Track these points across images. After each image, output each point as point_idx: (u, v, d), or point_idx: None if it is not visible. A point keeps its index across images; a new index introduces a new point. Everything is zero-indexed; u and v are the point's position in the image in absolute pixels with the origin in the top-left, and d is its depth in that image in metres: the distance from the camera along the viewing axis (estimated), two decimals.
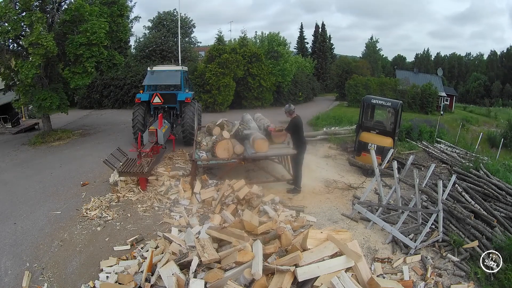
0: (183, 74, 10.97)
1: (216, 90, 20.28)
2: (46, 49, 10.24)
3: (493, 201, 6.51)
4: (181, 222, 5.76)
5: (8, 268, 4.67)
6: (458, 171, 7.99)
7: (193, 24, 31.60)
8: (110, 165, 7.14)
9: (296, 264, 3.59)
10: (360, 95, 24.48)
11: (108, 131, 13.99)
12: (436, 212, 5.19)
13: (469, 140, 14.96)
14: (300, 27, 48.34)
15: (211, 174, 7.70)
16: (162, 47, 25.68)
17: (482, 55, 65.11)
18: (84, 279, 4.40)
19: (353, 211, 6.13)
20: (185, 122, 10.26)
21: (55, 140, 12.20)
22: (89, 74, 11.57)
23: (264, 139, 7.01)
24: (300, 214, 5.90)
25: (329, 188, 7.55)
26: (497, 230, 5.38)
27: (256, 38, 27.63)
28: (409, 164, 6.55)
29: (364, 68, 37.85)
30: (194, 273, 3.71)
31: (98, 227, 5.65)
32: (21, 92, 11.69)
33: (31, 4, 10.73)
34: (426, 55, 64.42)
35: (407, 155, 10.17)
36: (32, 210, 6.34)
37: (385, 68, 57.36)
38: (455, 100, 34.77)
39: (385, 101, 9.16)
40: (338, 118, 15.97)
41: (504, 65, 55.48)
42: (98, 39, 11.02)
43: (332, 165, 9.30)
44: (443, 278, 4.45)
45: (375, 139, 8.48)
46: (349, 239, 4.10)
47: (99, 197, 6.76)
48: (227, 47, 22.22)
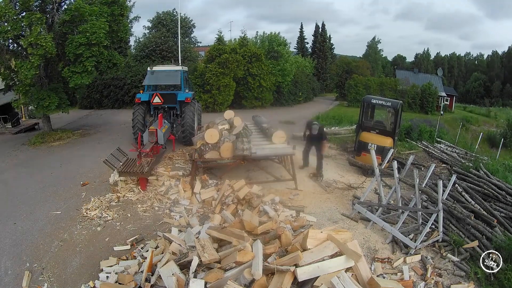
0: (183, 74, 10.97)
1: (216, 90, 20.27)
2: (45, 49, 10.24)
3: (493, 201, 6.52)
4: (181, 222, 5.76)
5: (8, 268, 4.67)
6: (458, 171, 7.99)
7: (193, 24, 31.64)
8: (110, 165, 7.13)
9: (296, 264, 3.58)
10: (360, 95, 24.49)
11: (108, 131, 13.98)
12: (436, 212, 5.19)
13: (469, 140, 14.96)
14: (300, 27, 48.33)
15: (211, 174, 7.70)
16: (162, 47, 25.67)
17: (482, 55, 65.15)
18: (84, 279, 4.40)
19: (353, 211, 6.13)
20: (185, 122, 10.25)
21: (55, 140, 12.19)
22: (89, 74, 11.56)
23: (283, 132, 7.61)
24: (300, 214, 5.90)
25: (329, 188, 7.55)
26: (497, 230, 5.38)
27: (256, 38, 27.64)
28: (409, 164, 6.55)
29: (364, 68, 37.84)
30: (194, 273, 3.71)
31: (98, 227, 5.65)
32: (21, 92, 11.69)
33: (30, 5, 10.73)
34: (426, 55, 64.38)
35: (407, 155, 10.17)
36: (32, 210, 6.33)
37: (385, 68, 57.31)
38: (455, 100, 34.74)
39: (385, 101, 9.17)
40: (338, 118, 15.99)
41: (504, 65, 55.41)
42: (98, 39, 11.02)
43: (332, 165, 9.29)
44: (443, 278, 4.45)
45: (375, 139, 8.49)
46: (349, 239, 4.10)
47: (99, 197, 6.75)
48: (227, 47, 22.20)
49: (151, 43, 26.10)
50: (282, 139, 7.64)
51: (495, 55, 58.80)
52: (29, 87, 11.44)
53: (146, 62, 23.97)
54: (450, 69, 61.83)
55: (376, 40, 53.16)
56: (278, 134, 7.64)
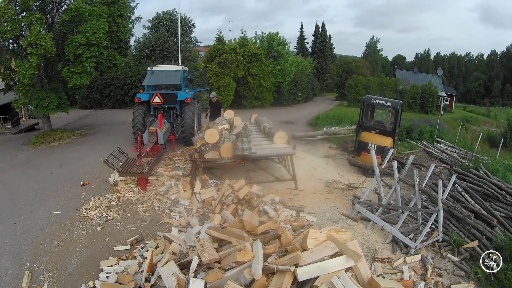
0: (183, 74, 10.97)
1: (216, 90, 20.27)
2: (44, 49, 10.24)
3: (493, 201, 6.51)
4: (181, 222, 5.76)
5: (8, 268, 4.67)
6: (458, 171, 7.99)
7: (193, 24, 31.65)
8: (110, 165, 7.13)
9: (296, 264, 3.58)
10: (360, 95, 24.50)
11: (108, 131, 13.98)
12: (436, 212, 5.19)
13: (469, 140, 14.95)
14: (300, 27, 48.27)
15: (211, 174, 7.70)
16: (162, 47, 25.68)
17: (482, 55, 65.09)
18: (84, 279, 4.40)
19: (353, 211, 6.13)
20: (185, 122, 10.25)
21: (55, 140, 12.19)
22: (88, 74, 11.56)
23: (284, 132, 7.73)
24: (300, 214, 5.90)
25: (329, 188, 7.54)
26: (497, 230, 5.38)
27: (256, 38, 27.62)
28: (409, 164, 6.55)
29: (364, 68, 37.86)
30: (194, 273, 3.71)
31: (98, 227, 5.65)
32: (21, 92, 11.69)
33: (30, 5, 10.73)
34: (426, 55, 64.34)
35: (407, 155, 10.17)
36: (32, 210, 6.33)
37: (385, 68, 57.30)
38: (455, 100, 34.74)
39: (385, 101, 9.17)
40: (338, 118, 15.98)
41: (504, 65, 55.37)
42: (98, 39, 11.02)
43: (332, 165, 9.29)
44: (443, 278, 4.45)
45: (375, 139, 8.48)
46: (349, 239, 4.09)
47: (99, 197, 6.75)
48: (227, 47, 22.20)
49: (151, 43, 26.12)
50: (284, 139, 7.64)
51: (494, 55, 58.73)
52: (29, 87, 11.45)
53: (146, 62, 24.00)
54: (450, 69, 61.81)
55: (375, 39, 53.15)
56: (279, 135, 7.64)
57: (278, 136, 7.63)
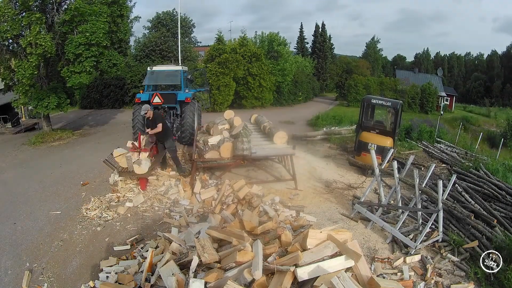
0: (183, 74, 10.97)
1: (216, 90, 20.28)
2: (44, 49, 10.24)
3: (493, 201, 6.51)
4: (181, 222, 5.75)
5: (8, 268, 4.67)
6: (458, 171, 7.99)
7: (193, 24, 31.66)
8: (110, 165, 7.13)
9: (296, 264, 3.58)
10: (360, 95, 24.53)
11: (108, 131, 13.99)
12: (436, 212, 5.19)
13: (469, 140, 14.94)
14: (300, 27, 48.27)
15: (211, 174, 7.70)
16: (162, 47, 25.68)
17: (482, 55, 65.06)
18: (84, 279, 4.40)
19: (353, 211, 6.13)
20: (185, 122, 10.26)
21: (55, 140, 12.20)
22: (88, 74, 11.57)
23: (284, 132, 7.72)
24: (300, 214, 5.89)
25: (329, 188, 7.54)
26: (497, 230, 5.38)
27: (256, 38, 27.63)
28: (409, 164, 6.54)
29: (364, 68, 37.88)
30: (194, 273, 3.70)
31: (98, 227, 5.64)
32: (21, 92, 11.70)
33: (30, 5, 10.73)
34: (426, 54, 64.31)
35: (407, 155, 10.17)
36: (32, 210, 6.33)
37: (385, 68, 57.31)
38: (455, 100, 34.77)
39: (385, 101, 9.16)
40: (338, 118, 15.99)
41: (504, 65, 55.35)
42: (98, 39, 11.03)
43: (332, 165, 9.29)
44: (443, 278, 4.45)
45: (375, 139, 8.48)
46: (349, 239, 4.09)
47: (99, 197, 6.75)
48: (227, 47, 22.21)
49: (151, 43, 26.12)
50: (284, 139, 7.65)
51: (494, 55, 58.73)
52: (29, 87, 11.46)
53: (146, 62, 24.00)
54: (450, 69, 61.75)
55: (375, 39, 53.18)
56: (279, 135, 7.64)
57: (278, 136, 7.63)
